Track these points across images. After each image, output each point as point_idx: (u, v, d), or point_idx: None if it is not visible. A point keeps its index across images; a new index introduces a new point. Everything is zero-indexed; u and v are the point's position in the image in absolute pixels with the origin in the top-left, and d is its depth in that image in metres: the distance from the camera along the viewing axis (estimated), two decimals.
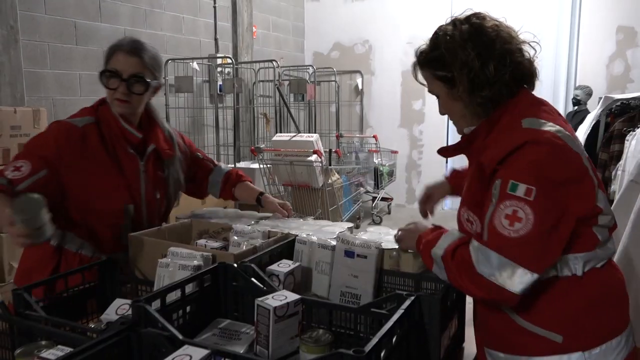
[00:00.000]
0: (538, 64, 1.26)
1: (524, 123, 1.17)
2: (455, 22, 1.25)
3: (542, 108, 1.24)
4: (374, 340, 0.89)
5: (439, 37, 1.26)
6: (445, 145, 7.29)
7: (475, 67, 1.18)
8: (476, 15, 1.25)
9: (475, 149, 1.25)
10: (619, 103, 3.68)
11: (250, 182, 2.10)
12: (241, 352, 1.10)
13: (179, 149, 1.89)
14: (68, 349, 1.00)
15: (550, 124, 1.17)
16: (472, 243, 1.16)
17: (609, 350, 1.18)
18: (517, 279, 1.08)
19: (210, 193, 2.08)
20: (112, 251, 1.62)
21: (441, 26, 1.28)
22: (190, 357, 0.88)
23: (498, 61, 1.19)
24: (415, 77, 1.34)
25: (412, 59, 1.34)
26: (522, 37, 1.25)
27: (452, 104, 1.28)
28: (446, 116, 1.36)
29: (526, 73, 1.24)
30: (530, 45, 1.25)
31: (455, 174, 1.64)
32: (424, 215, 1.66)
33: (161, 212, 1.86)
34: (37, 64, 3.66)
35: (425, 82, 1.33)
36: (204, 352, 0.89)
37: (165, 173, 1.84)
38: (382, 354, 0.92)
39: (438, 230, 1.29)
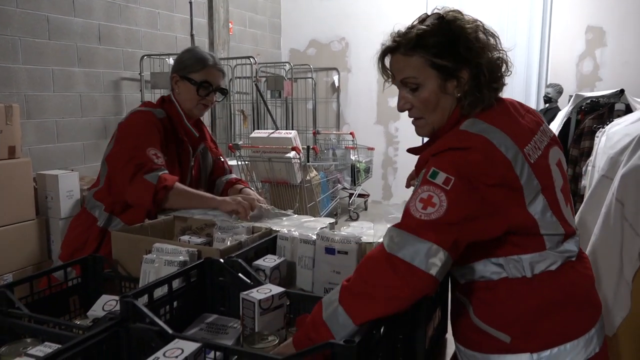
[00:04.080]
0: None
1: (463, 125, 1.15)
2: (458, 11, 1.19)
3: (496, 109, 1.19)
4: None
5: (450, 22, 1.16)
6: (419, 141, 7.35)
7: (493, 57, 1.16)
8: (456, 11, 1.20)
9: (427, 151, 1.20)
10: (588, 101, 3.78)
11: (244, 185, 2.21)
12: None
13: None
14: (55, 346, 0.99)
15: (487, 126, 1.13)
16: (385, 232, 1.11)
17: (561, 353, 1.15)
18: (428, 258, 1.02)
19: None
20: None
21: (447, 12, 1.18)
22: (182, 350, 0.88)
23: (505, 57, 1.19)
24: (384, 62, 1.24)
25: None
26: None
27: (439, 97, 1.18)
28: None
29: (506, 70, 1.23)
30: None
31: None
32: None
33: None
34: (8, 58, 3.58)
35: (393, 71, 1.23)
36: (195, 345, 0.90)
37: (202, 169, 2.11)
38: (371, 344, 0.94)
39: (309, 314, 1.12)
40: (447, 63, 1.15)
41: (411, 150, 1.36)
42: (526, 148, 1.14)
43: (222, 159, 2.27)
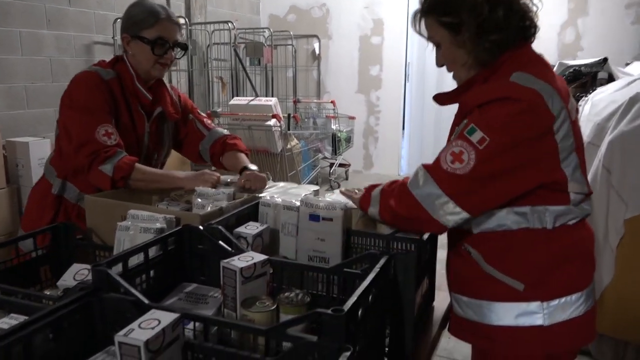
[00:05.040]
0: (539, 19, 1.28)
1: (512, 76, 1.19)
2: None
3: (540, 65, 1.24)
4: (352, 299, 0.87)
5: None
6: (397, 113, 7.21)
7: (484, 10, 1.20)
8: None
9: (469, 97, 1.25)
10: (571, 70, 3.76)
11: (239, 149, 2.00)
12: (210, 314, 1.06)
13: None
14: (23, 317, 0.92)
15: (536, 80, 1.17)
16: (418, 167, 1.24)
17: (567, 304, 1.22)
18: (447, 212, 1.18)
19: (206, 160, 2.05)
20: None
21: None
22: (159, 321, 0.82)
23: (507, 6, 1.21)
24: (416, 28, 1.34)
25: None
26: None
27: (455, 51, 1.27)
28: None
29: (532, 24, 1.26)
30: (532, 3, 1.27)
31: None
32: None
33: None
34: None
35: (425, 34, 1.33)
36: (173, 316, 0.84)
37: (165, 134, 1.94)
38: (359, 313, 0.90)
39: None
40: (451, 19, 1.24)
41: (438, 99, 1.40)
42: (569, 105, 1.20)
43: (192, 117, 2.04)
